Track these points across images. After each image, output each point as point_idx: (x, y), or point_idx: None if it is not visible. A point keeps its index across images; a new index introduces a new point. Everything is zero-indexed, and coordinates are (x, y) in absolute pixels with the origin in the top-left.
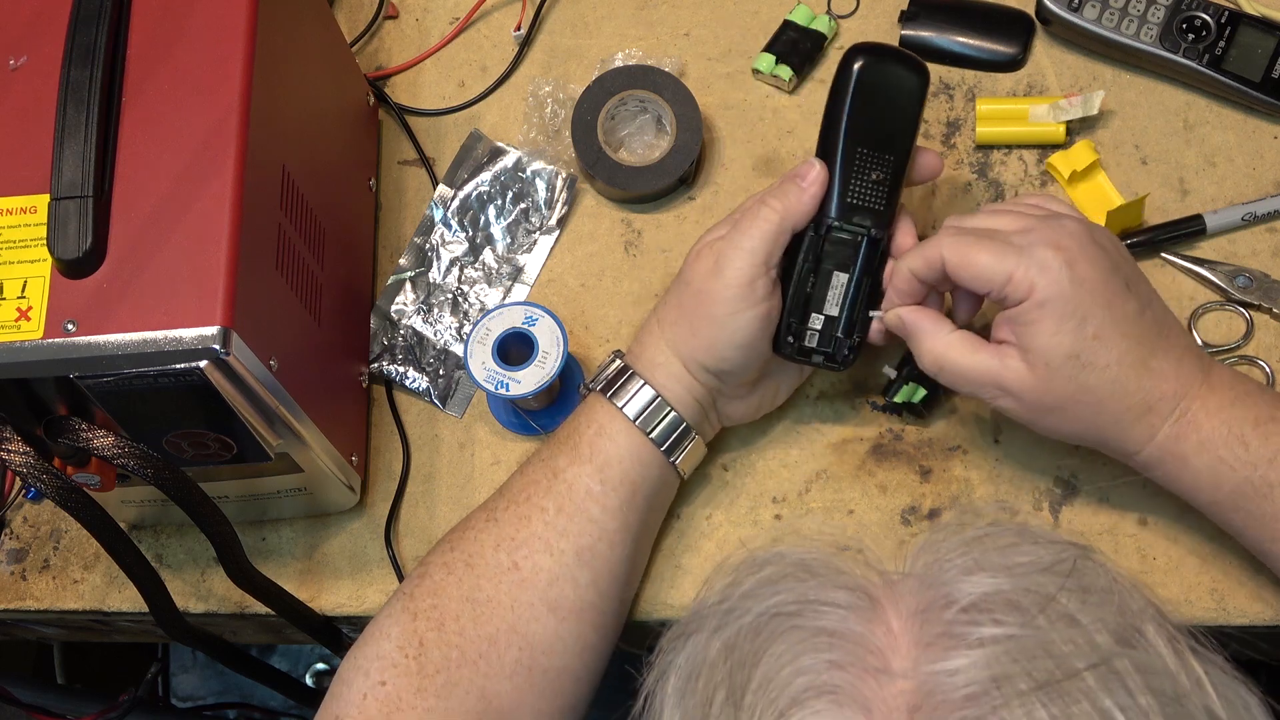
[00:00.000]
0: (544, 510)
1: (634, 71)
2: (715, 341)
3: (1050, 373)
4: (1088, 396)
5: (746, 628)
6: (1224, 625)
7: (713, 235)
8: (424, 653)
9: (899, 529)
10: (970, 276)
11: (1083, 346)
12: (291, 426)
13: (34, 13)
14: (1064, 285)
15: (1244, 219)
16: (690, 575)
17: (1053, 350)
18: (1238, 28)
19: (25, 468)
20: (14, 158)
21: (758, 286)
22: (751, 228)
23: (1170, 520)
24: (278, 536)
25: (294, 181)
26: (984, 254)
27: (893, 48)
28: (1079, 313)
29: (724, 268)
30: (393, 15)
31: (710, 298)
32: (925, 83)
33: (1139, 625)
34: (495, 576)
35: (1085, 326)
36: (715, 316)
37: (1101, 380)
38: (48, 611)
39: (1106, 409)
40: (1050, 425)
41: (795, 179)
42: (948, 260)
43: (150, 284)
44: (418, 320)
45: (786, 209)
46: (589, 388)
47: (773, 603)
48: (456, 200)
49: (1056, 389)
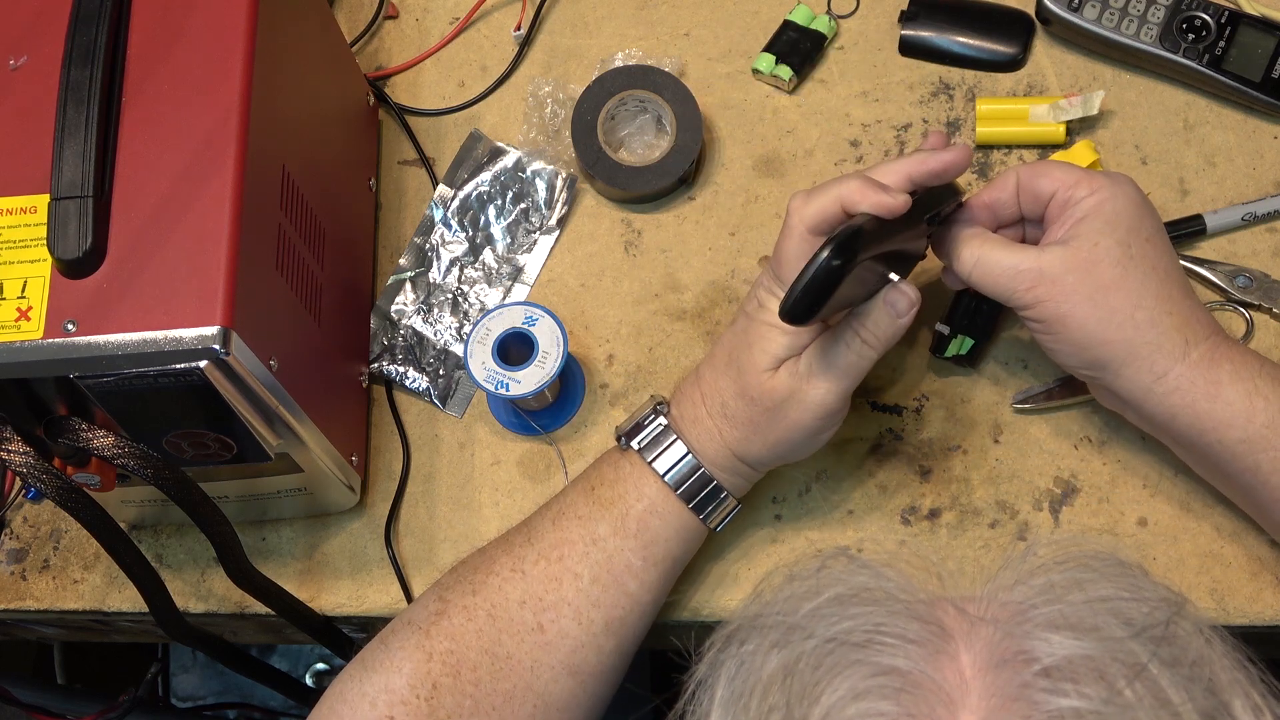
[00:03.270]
0: (578, 577)
1: (634, 71)
2: (793, 453)
3: (1099, 251)
4: (1131, 283)
5: (809, 653)
6: (1224, 625)
7: (779, 333)
8: (436, 696)
9: (899, 529)
10: (1046, 180)
11: (1135, 240)
12: (291, 426)
13: (34, 13)
14: (1130, 189)
15: (1244, 219)
16: (689, 575)
17: (1105, 233)
18: (1238, 28)
19: (25, 468)
20: (14, 158)
21: (845, 408)
22: (852, 365)
23: (1170, 520)
24: (278, 536)
25: (294, 181)
26: (1057, 167)
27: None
28: (1138, 214)
29: (816, 403)
30: (393, 15)
31: (797, 425)
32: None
33: (1228, 701)
34: (518, 635)
35: (1140, 227)
36: (800, 441)
37: (1148, 275)
38: (48, 611)
39: (1145, 304)
40: (1080, 320)
41: (892, 312)
42: (1022, 176)
43: (150, 284)
44: (418, 320)
45: (888, 344)
46: (628, 443)
47: (841, 629)
48: (456, 200)
49: (1100, 268)
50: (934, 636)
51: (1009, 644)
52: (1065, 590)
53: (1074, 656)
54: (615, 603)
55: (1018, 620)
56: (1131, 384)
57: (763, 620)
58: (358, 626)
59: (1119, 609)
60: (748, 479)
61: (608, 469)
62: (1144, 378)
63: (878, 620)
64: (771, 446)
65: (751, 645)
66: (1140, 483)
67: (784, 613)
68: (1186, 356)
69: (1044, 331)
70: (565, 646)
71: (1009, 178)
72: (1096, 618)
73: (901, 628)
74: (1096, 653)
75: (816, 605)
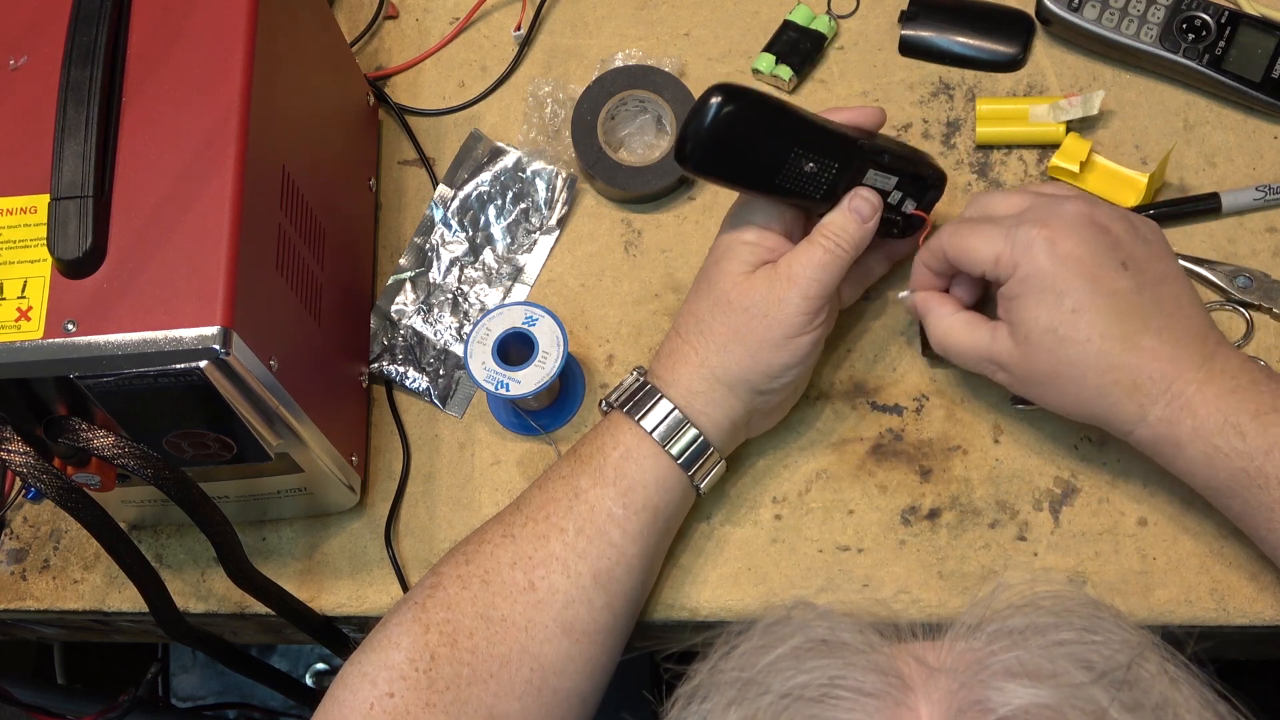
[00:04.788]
0: (563, 531)
1: (634, 71)
2: (773, 363)
3: (1031, 346)
4: (1068, 369)
5: (765, 709)
6: (1224, 625)
7: (742, 243)
8: (435, 667)
9: (899, 529)
10: (967, 261)
11: (1059, 320)
12: (291, 426)
13: (34, 13)
14: (1042, 262)
15: (1256, 199)
16: (690, 575)
17: (1031, 324)
18: (1238, 28)
19: (25, 468)
20: (14, 158)
21: (821, 312)
22: (827, 262)
23: (1170, 520)
24: (278, 536)
25: (294, 181)
26: (975, 238)
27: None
28: (1056, 288)
29: (793, 295)
30: (393, 15)
31: (774, 322)
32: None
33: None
34: (511, 595)
35: (1063, 301)
36: (778, 341)
37: (1082, 353)
38: (48, 611)
39: (1088, 382)
40: (1041, 397)
41: (858, 216)
42: (947, 249)
43: (150, 284)
44: (418, 320)
45: (856, 247)
46: (610, 405)
47: (796, 683)
48: (456, 200)
49: (1038, 362)
50: (892, 689)
51: (966, 694)
52: (1025, 636)
53: (1031, 705)
54: (601, 554)
55: (975, 669)
56: (1112, 433)
57: (720, 676)
58: (357, 626)
59: (1079, 653)
60: (729, 415)
61: (591, 432)
62: (1115, 432)
63: (834, 673)
64: (753, 353)
65: (710, 703)
66: (1140, 483)
67: (740, 668)
68: (1144, 420)
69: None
70: (557, 602)
71: (936, 244)
72: (1055, 663)
73: (858, 680)
74: (1055, 700)
75: (773, 659)
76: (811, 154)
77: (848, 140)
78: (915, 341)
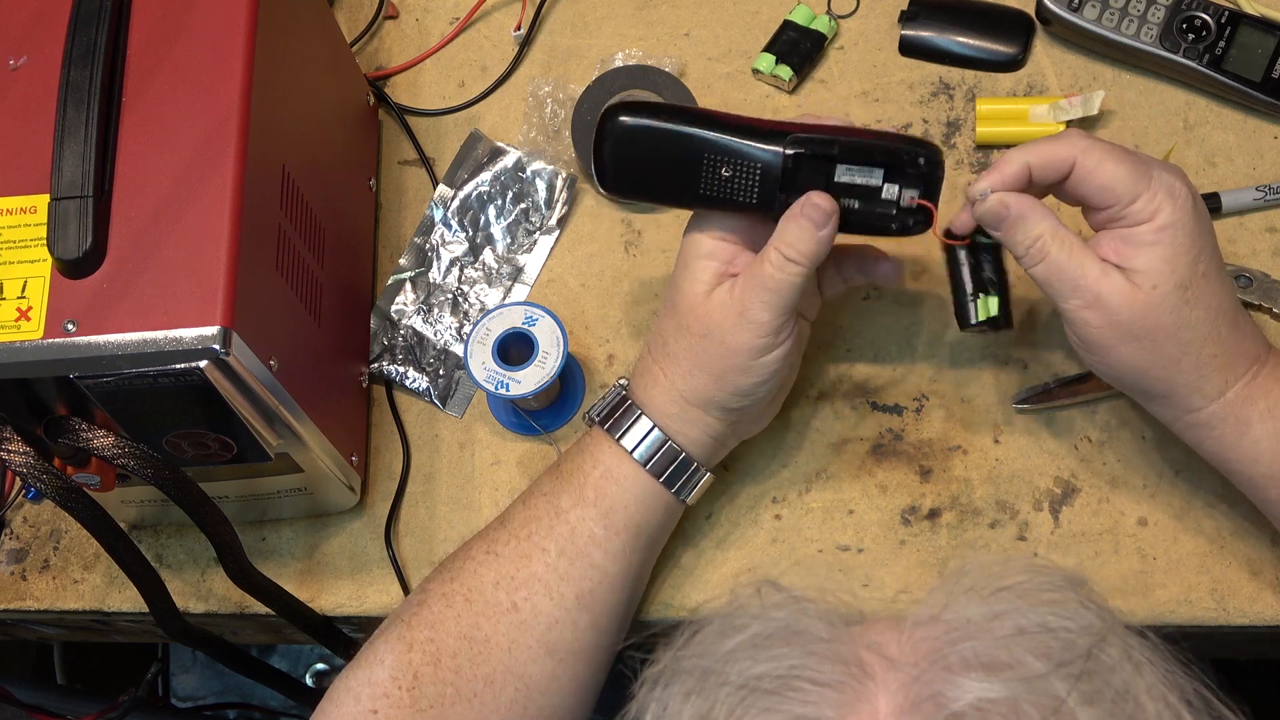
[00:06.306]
0: (545, 551)
1: (634, 71)
2: (740, 385)
3: (1157, 297)
4: (1184, 332)
5: (722, 700)
6: (1224, 625)
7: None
8: (418, 686)
9: (899, 529)
10: (1097, 186)
11: (1194, 279)
12: (291, 426)
13: (34, 13)
14: (1189, 216)
15: (1255, 199)
16: (689, 574)
17: (1165, 276)
18: (1238, 28)
19: (25, 468)
20: (14, 158)
21: (785, 328)
22: (779, 281)
23: (1170, 520)
24: (278, 536)
25: (294, 181)
26: (1122, 166)
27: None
28: (1196, 246)
29: (750, 321)
30: (393, 15)
31: (736, 348)
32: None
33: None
34: (494, 616)
35: (1198, 263)
36: (741, 365)
37: (1201, 319)
38: (48, 611)
39: (1192, 350)
40: (1124, 355)
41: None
42: (1081, 163)
43: (150, 284)
44: (418, 320)
45: (812, 258)
46: (592, 419)
47: (755, 673)
48: (456, 200)
49: (1155, 315)
50: (852, 679)
51: (920, 688)
52: (985, 624)
53: (986, 699)
54: (583, 575)
55: (932, 660)
56: (1160, 413)
57: (682, 663)
58: (357, 626)
59: (1038, 642)
60: (707, 432)
61: (574, 447)
62: (1174, 411)
63: (792, 663)
64: (718, 378)
65: (670, 690)
66: (1140, 483)
67: (701, 655)
68: (1222, 395)
69: (1081, 346)
70: (540, 624)
71: (1065, 151)
72: (1013, 653)
73: (817, 670)
74: (1011, 693)
75: (733, 647)
76: (725, 157)
77: (772, 137)
78: (915, 341)
